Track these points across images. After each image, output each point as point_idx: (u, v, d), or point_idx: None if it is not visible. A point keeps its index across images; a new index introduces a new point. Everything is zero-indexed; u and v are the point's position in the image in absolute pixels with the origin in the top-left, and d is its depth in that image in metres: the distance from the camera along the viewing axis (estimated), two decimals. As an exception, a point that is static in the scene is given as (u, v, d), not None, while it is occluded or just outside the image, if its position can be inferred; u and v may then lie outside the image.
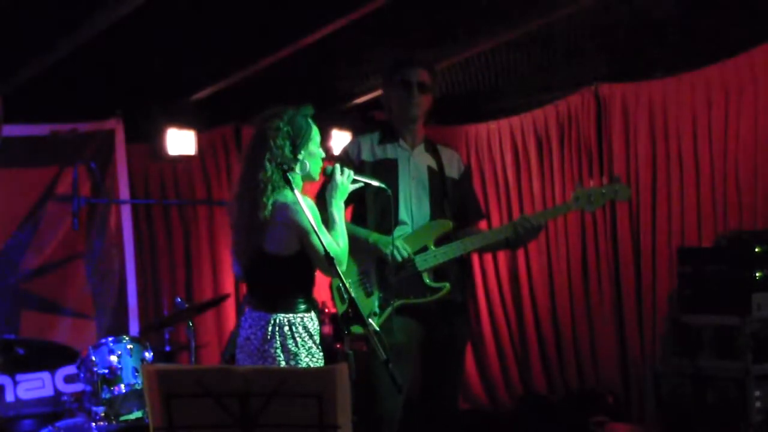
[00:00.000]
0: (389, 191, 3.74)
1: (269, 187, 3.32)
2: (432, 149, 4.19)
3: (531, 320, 6.63)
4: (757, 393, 4.65)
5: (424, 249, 3.99)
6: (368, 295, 3.94)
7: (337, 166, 3.55)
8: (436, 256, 3.99)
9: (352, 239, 3.83)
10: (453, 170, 4.19)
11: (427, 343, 4.10)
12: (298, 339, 3.34)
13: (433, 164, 4.15)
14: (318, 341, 3.42)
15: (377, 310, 3.92)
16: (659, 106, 5.77)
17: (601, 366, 6.17)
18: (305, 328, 3.37)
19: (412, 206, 4.04)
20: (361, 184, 3.60)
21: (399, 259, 3.93)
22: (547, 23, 5.17)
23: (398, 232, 4.00)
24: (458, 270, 4.15)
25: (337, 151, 6.39)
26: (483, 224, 4.44)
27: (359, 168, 3.94)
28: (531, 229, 4.01)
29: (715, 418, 4.79)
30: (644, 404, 5.72)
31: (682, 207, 5.67)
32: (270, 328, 3.35)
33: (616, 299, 6.05)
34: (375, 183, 3.66)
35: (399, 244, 3.94)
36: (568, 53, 5.83)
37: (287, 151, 3.35)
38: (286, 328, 3.34)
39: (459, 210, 4.17)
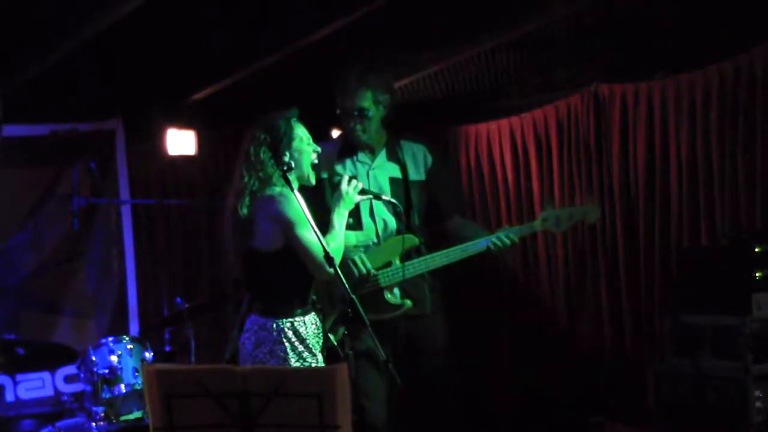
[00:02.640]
0: (400, 207, 3.72)
1: (246, 193, 3.37)
2: (394, 154, 4.10)
3: (531, 320, 6.63)
4: (757, 393, 4.65)
5: (389, 264, 3.91)
6: (331, 308, 3.86)
7: (345, 176, 3.54)
8: (400, 272, 3.90)
9: None
10: (419, 170, 4.10)
11: (405, 357, 4.01)
12: (287, 344, 3.33)
13: (396, 172, 4.06)
14: (313, 345, 3.39)
15: (338, 325, 3.85)
16: (659, 106, 5.76)
17: (601, 366, 6.16)
18: (296, 332, 3.36)
19: (376, 225, 3.97)
20: (370, 197, 3.59)
21: (357, 273, 3.87)
22: (547, 23, 5.17)
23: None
24: (433, 282, 4.08)
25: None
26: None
27: (317, 184, 3.83)
28: (503, 248, 3.97)
29: (715, 418, 4.78)
30: (644, 404, 5.72)
31: (682, 206, 5.66)
32: (261, 333, 3.35)
33: (616, 299, 6.05)
34: (385, 197, 3.64)
35: (358, 259, 3.87)
36: (568, 53, 5.83)
37: (263, 155, 3.38)
38: (275, 334, 3.34)
39: (432, 206, 4.10)
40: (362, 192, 3.55)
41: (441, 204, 4.15)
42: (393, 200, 3.70)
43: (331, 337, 3.66)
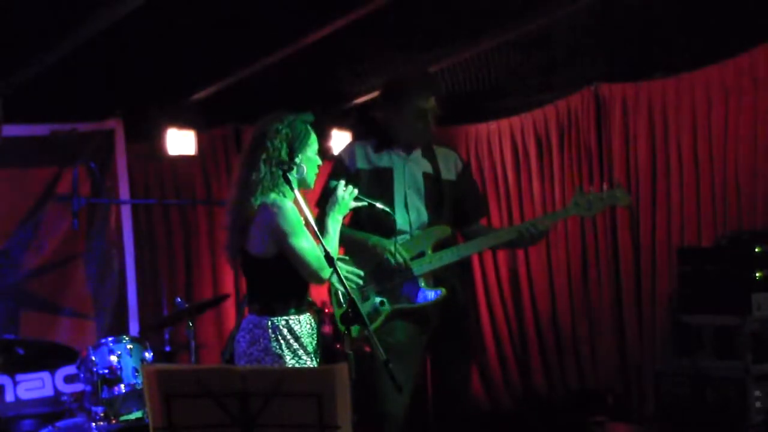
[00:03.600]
0: (393, 214, 3.79)
1: (260, 188, 3.34)
2: (428, 152, 4.18)
3: (531, 320, 6.63)
4: (757, 393, 4.66)
5: (422, 254, 4.00)
6: (365, 299, 3.94)
7: (341, 182, 3.56)
8: (433, 261, 4.00)
9: (352, 242, 3.85)
10: (450, 172, 4.18)
11: (432, 346, 4.10)
12: (282, 342, 3.34)
13: (429, 169, 4.14)
14: (307, 344, 3.40)
15: (372, 314, 3.92)
16: (659, 106, 5.77)
17: (601, 366, 6.17)
18: (290, 330, 3.36)
19: (410, 215, 4.02)
20: (365, 203, 3.61)
21: (393, 263, 3.94)
22: (547, 23, 5.17)
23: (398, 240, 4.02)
24: (459, 272, 4.15)
25: (336, 151, 6.38)
26: (483, 221, 4.46)
27: (354, 176, 3.94)
28: (536, 235, 4.02)
29: (715, 418, 4.79)
30: (644, 404, 5.73)
31: (682, 207, 5.67)
32: (256, 331, 3.36)
33: (616, 299, 6.05)
34: (379, 205, 3.67)
35: (393, 248, 3.95)
36: (568, 53, 5.83)
37: (284, 153, 3.37)
38: (270, 331, 3.34)
39: (459, 210, 4.18)
40: (357, 198, 3.57)
41: (469, 209, 4.22)
42: (386, 209, 3.72)
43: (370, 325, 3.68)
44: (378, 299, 3.96)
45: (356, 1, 4.57)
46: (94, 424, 4.41)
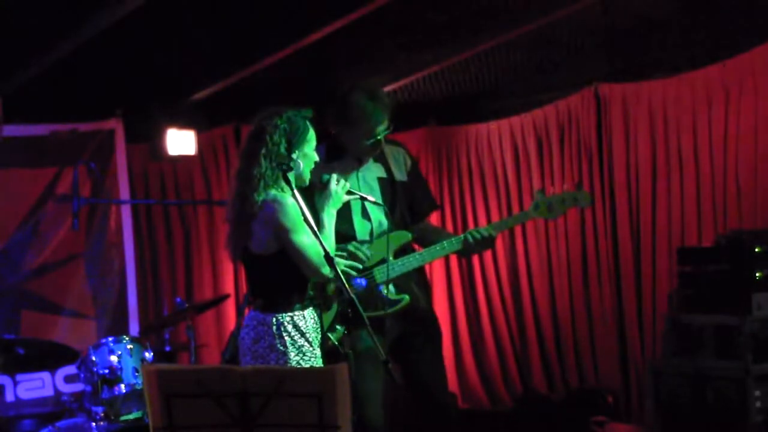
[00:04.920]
0: (386, 207, 3.75)
1: (261, 183, 3.34)
2: (379, 154, 4.08)
3: (531, 320, 6.63)
4: (757, 393, 4.65)
5: (383, 261, 3.91)
6: (326, 309, 3.84)
7: (334, 175, 3.54)
8: (395, 268, 3.92)
9: None
10: (402, 172, 4.10)
11: (403, 353, 4.03)
12: (287, 338, 3.33)
13: (382, 172, 4.06)
14: (313, 339, 3.40)
15: (335, 324, 3.83)
16: (659, 106, 5.77)
17: (601, 366, 6.17)
18: (296, 326, 3.36)
19: (372, 224, 3.96)
20: (356, 197, 3.59)
21: (364, 259, 3.87)
22: (547, 23, 5.17)
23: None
24: (417, 278, 4.09)
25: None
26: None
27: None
28: (482, 241, 3.96)
29: (715, 418, 4.78)
30: (644, 404, 5.72)
31: (682, 207, 5.67)
32: (260, 328, 3.36)
33: (616, 299, 6.05)
34: (371, 198, 3.64)
35: (353, 248, 3.86)
36: (568, 53, 5.83)
37: (282, 148, 3.36)
38: (275, 328, 3.34)
39: (410, 208, 4.12)
40: (349, 192, 3.56)
41: (418, 204, 4.17)
42: (379, 202, 3.70)
43: (331, 336, 3.67)
44: (340, 309, 3.89)
45: (356, 1, 4.57)
46: (94, 424, 4.41)
